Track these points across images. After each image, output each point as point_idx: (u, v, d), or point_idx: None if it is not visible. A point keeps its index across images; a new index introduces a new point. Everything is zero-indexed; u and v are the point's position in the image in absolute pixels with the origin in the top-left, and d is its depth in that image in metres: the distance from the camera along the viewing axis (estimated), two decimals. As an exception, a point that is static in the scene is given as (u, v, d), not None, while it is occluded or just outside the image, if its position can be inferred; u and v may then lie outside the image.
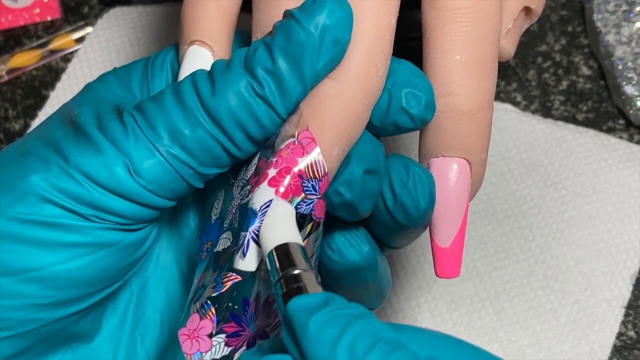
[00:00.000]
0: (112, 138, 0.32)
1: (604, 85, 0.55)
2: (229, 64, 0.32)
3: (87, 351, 0.35)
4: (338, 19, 0.31)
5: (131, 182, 0.31)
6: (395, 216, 0.34)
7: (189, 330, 0.31)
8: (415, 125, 0.34)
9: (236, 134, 0.32)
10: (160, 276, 0.37)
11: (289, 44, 0.31)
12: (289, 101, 0.32)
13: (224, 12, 0.36)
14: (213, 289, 0.31)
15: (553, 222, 0.51)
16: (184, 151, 0.32)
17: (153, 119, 0.32)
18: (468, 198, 0.35)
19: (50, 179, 0.31)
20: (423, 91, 0.33)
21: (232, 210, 0.33)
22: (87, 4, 0.59)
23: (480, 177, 0.35)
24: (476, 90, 0.34)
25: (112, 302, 0.36)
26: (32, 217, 0.31)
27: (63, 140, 0.32)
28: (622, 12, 0.55)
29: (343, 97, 0.32)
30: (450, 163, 0.34)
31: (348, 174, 0.33)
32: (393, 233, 0.36)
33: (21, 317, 0.32)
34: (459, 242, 0.35)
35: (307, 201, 0.32)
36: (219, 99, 0.31)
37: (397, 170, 0.34)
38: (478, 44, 0.33)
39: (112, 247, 0.33)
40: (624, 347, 0.48)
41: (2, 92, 0.56)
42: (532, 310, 0.49)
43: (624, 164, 0.52)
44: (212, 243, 0.34)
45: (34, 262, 0.31)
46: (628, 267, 0.49)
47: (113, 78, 0.36)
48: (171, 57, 0.37)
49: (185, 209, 0.38)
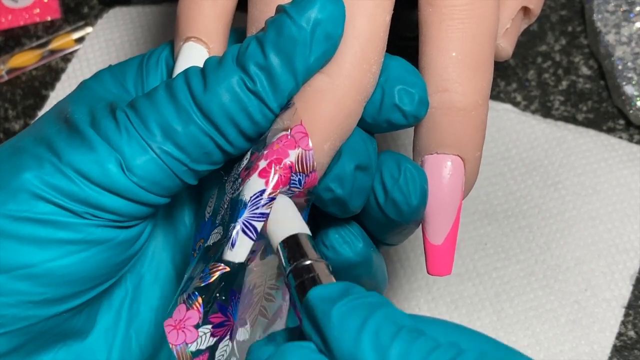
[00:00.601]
0: (105, 135, 0.32)
1: (604, 85, 0.55)
2: (221, 60, 0.32)
3: (82, 348, 0.35)
4: (330, 14, 0.31)
5: (123, 179, 0.31)
6: (386, 212, 0.34)
7: (175, 320, 0.31)
8: (408, 122, 0.34)
9: (229, 130, 0.32)
10: (155, 273, 0.37)
11: (281, 39, 0.31)
12: (281, 96, 0.32)
13: (220, 9, 0.36)
14: (201, 279, 0.31)
15: (553, 222, 0.51)
16: (177, 148, 0.32)
17: (145, 115, 0.32)
18: (461, 195, 0.35)
19: (42, 176, 0.31)
20: (416, 88, 0.33)
21: (224, 206, 0.33)
22: (87, 4, 0.59)
23: (474, 175, 0.35)
24: (472, 88, 0.33)
25: (107, 299, 0.36)
26: (24, 215, 0.31)
27: (56, 137, 0.32)
28: (622, 12, 0.55)
29: (335, 92, 0.32)
30: (444, 160, 0.34)
31: (339, 169, 0.33)
32: (386, 229, 0.36)
33: (14, 314, 0.32)
34: (452, 240, 0.35)
35: (288, 193, 0.32)
36: (211, 95, 0.31)
37: (388, 167, 0.34)
38: (474, 41, 0.33)
39: (105, 244, 0.33)
40: (624, 347, 0.48)
41: (2, 92, 0.56)
42: (532, 311, 0.49)
43: (624, 164, 0.52)
44: (204, 240, 0.34)
45: (27, 259, 0.31)
46: (628, 267, 0.49)
47: (108, 75, 0.36)
48: (166, 54, 0.37)
49: (180, 206, 0.38)
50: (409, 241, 0.50)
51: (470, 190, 0.36)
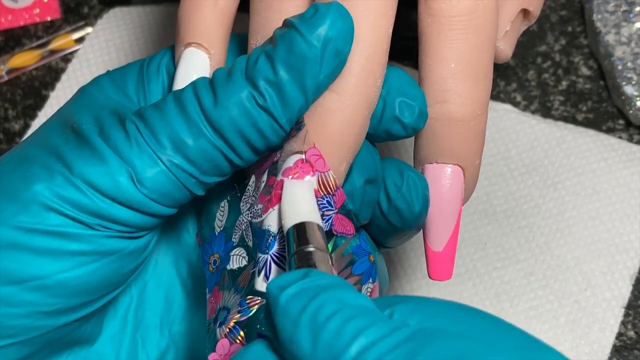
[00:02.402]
0: (115, 147, 0.32)
1: (603, 85, 0.55)
2: (230, 74, 0.32)
3: (89, 354, 0.35)
4: (340, 31, 0.31)
5: (134, 191, 0.32)
6: (390, 219, 0.35)
7: (220, 355, 0.31)
8: (407, 133, 0.34)
9: (239, 144, 0.32)
10: (159, 279, 0.37)
11: (291, 56, 0.31)
12: (291, 112, 0.32)
13: (221, 14, 0.35)
14: (239, 313, 0.31)
15: (553, 222, 0.51)
16: (187, 161, 0.32)
17: (156, 128, 0.32)
18: (461, 203, 0.35)
19: (54, 188, 0.31)
20: (416, 101, 0.33)
21: (242, 227, 0.33)
22: (87, 4, 0.59)
23: (473, 183, 0.36)
24: (470, 98, 0.34)
25: (112, 306, 0.36)
26: (36, 227, 0.31)
27: (65, 147, 0.32)
28: (622, 12, 0.55)
29: (345, 110, 0.32)
30: (444, 169, 0.35)
31: (350, 185, 0.33)
32: (387, 234, 0.36)
33: (26, 324, 0.32)
34: (452, 246, 0.36)
35: (325, 217, 0.32)
36: (221, 110, 0.31)
37: (391, 175, 0.35)
38: (473, 51, 0.33)
39: (115, 254, 0.33)
40: (624, 347, 0.48)
41: (2, 92, 0.56)
42: (532, 310, 0.49)
43: (624, 164, 0.52)
44: (219, 256, 0.34)
45: (39, 271, 0.31)
46: (628, 267, 0.49)
47: (108, 82, 0.36)
48: (166, 60, 0.37)
49: (182, 213, 0.38)
50: (409, 242, 0.50)
51: (470, 197, 0.36)
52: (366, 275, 0.33)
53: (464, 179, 0.35)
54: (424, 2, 0.34)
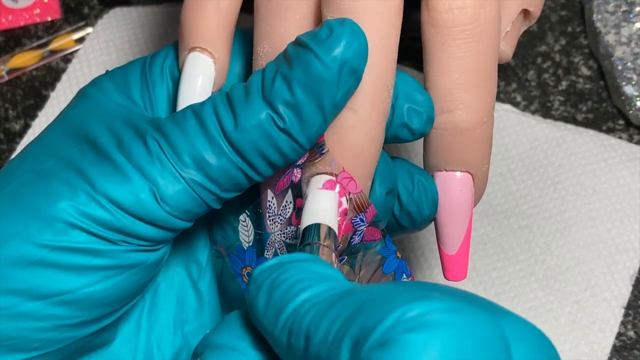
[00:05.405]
0: (137, 164, 0.32)
1: (603, 85, 0.55)
2: (248, 94, 0.32)
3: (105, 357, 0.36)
4: (355, 51, 0.31)
5: (157, 209, 0.32)
6: (400, 222, 0.37)
7: None
8: (415, 138, 0.35)
9: (259, 163, 0.32)
10: (170, 281, 0.38)
11: (309, 78, 0.31)
12: (310, 132, 0.32)
13: (224, 17, 0.35)
14: None
15: (553, 222, 0.51)
16: (209, 179, 0.32)
17: (178, 145, 0.32)
18: (472, 207, 0.36)
19: (77, 205, 0.31)
20: (424, 107, 0.34)
21: (275, 245, 0.34)
22: (87, 5, 0.59)
23: (482, 187, 0.37)
24: (476, 107, 0.34)
25: (127, 310, 0.36)
26: (62, 244, 0.31)
27: (84, 162, 0.32)
28: (622, 12, 0.55)
29: (365, 126, 0.33)
30: (454, 176, 0.36)
31: (372, 198, 0.34)
32: (393, 233, 0.37)
33: (51, 337, 0.32)
34: (465, 249, 0.37)
35: (358, 233, 0.33)
36: (242, 133, 0.32)
37: (402, 180, 0.36)
38: (477, 59, 0.34)
39: (137, 267, 0.33)
40: (624, 347, 0.48)
41: (2, 93, 0.56)
42: (532, 310, 0.49)
43: (624, 164, 0.52)
44: (252, 269, 0.35)
45: (65, 286, 0.32)
46: (628, 267, 0.49)
47: (111, 84, 0.36)
48: (170, 62, 0.36)
49: None
50: (410, 242, 0.50)
51: (479, 200, 0.37)
52: (399, 272, 0.35)
53: (474, 184, 0.36)
54: (427, 13, 0.34)
